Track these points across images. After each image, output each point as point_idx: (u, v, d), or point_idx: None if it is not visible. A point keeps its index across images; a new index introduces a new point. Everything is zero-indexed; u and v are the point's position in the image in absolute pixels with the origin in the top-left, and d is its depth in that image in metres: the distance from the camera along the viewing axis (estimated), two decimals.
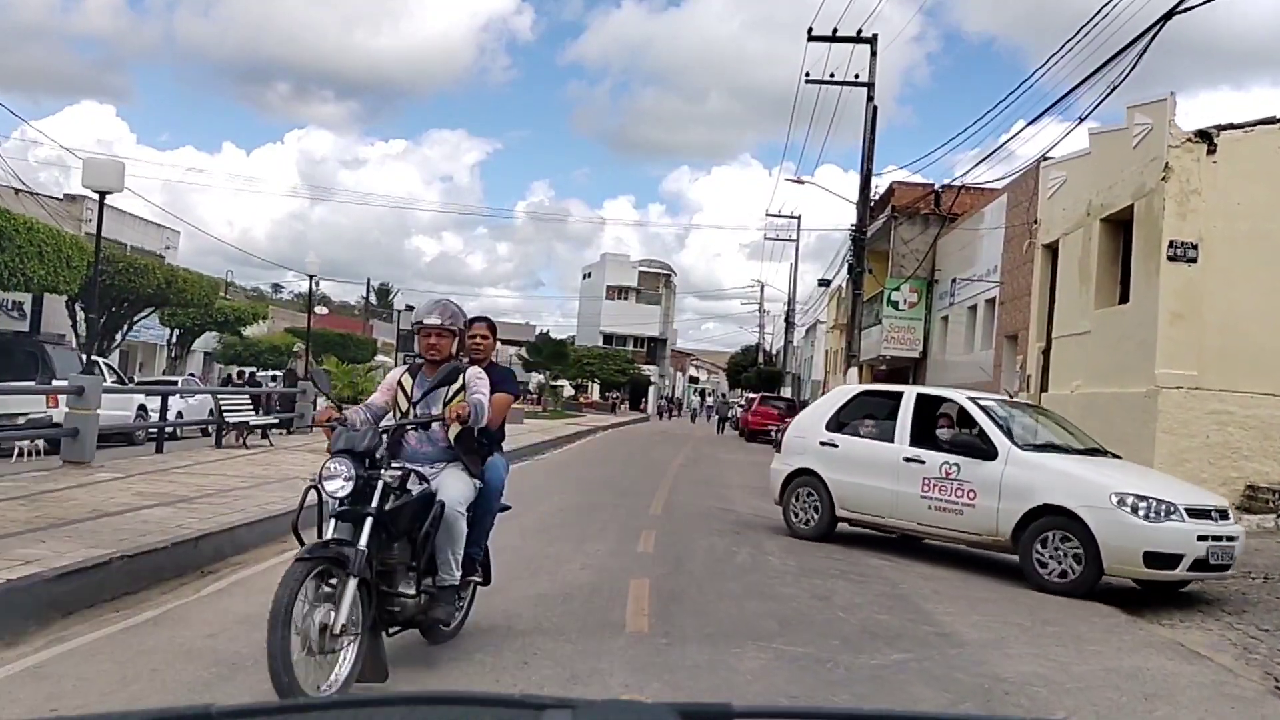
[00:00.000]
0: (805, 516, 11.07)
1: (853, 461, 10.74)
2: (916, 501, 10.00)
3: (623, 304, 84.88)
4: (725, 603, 7.21)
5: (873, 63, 26.94)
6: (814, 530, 10.89)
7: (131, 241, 35.78)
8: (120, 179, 13.66)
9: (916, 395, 10.84)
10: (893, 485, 10.23)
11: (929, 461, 9.97)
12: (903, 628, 6.80)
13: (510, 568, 8.13)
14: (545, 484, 15.98)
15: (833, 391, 12.42)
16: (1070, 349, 17.93)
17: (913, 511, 10.08)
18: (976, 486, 9.51)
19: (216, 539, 8.49)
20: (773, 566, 9.07)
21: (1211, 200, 14.35)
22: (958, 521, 9.70)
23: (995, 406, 10.44)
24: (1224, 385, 14.14)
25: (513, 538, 9.79)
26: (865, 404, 11.51)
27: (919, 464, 10.02)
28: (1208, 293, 14.33)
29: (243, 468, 13.71)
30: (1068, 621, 7.60)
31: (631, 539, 10.13)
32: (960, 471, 9.67)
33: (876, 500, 10.45)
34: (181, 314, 33.76)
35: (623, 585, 7.58)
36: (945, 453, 9.93)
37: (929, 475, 9.91)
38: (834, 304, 47.20)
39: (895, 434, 10.45)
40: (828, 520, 10.85)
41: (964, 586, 8.89)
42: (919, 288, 29.56)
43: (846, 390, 12.30)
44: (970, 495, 9.55)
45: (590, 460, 22.95)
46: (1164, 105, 14.77)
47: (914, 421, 10.47)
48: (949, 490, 9.73)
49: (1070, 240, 18.27)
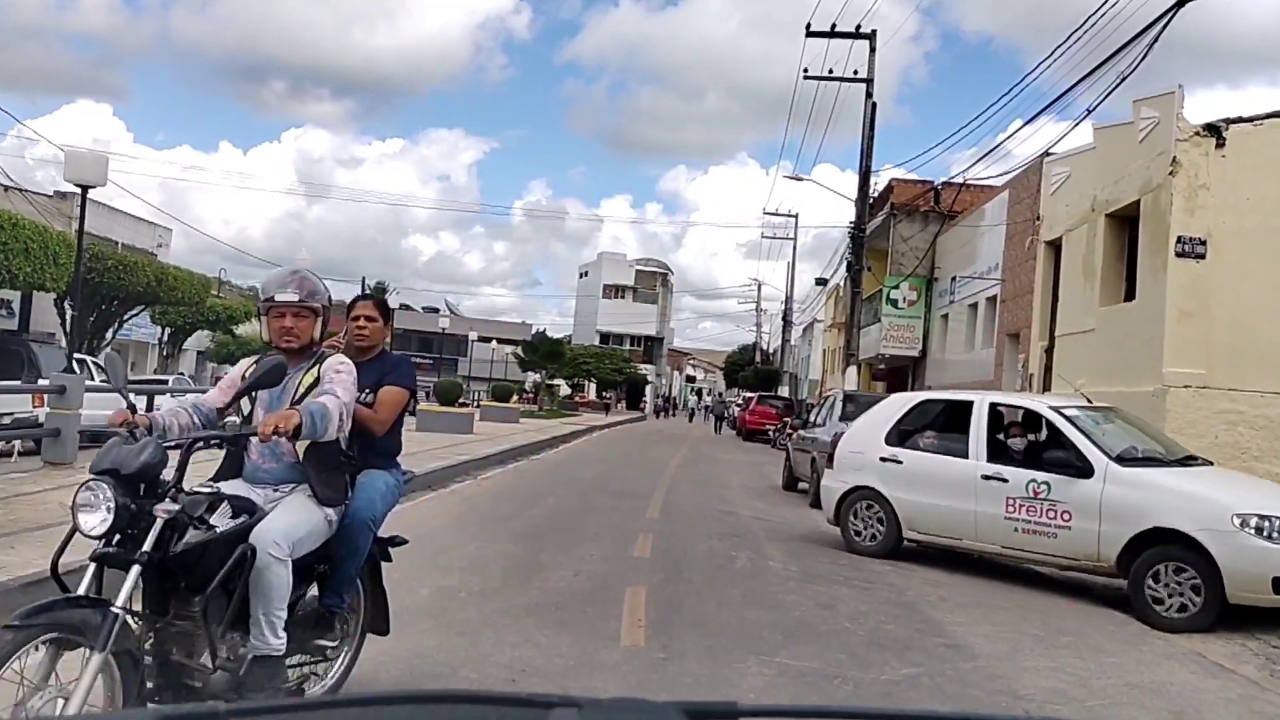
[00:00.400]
0: (869, 532, 10.15)
1: (921, 480, 9.82)
2: (1000, 524, 9.10)
3: (619, 303, 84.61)
4: (725, 612, 6.88)
5: (871, 58, 26.65)
6: (878, 547, 9.99)
7: (123, 239, 35.44)
8: (103, 173, 13.30)
9: (989, 404, 9.92)
10: (971, 506, 9.33)
11: (1013, 480, 9.07)
12: (911, 639, 6.47)
13: (500, 574, 7.82)
14: (539, 485, 15.66)
15: (887, 401, 11.19)
16: (1074, 347, 17.61)
17: (997, 534, 9.17)
18: (1072, 508, 8.68)
19: None
20: (774, 572, 8.74)
21: (1220, 195, 14.02)
22: (1051, 545, 8.84)
23: (1081, 415, 9.44)
24: (1233, 384, 13.81)
25: (504, 543, 9.49)
26: (926, 413, 10.55)
27: (1001, 482, 9.13)
28: (1216, 289, 14.00)
29: None
30: (1083, 631, 7.29)
31: (628, 543, 9.80)
32: (1051, 491, 8.81)
33: (953, 522, 9.52)
34: (173, 312, 33.39)
35: (618, 593, 7.25)
36: (1031, 469, 9.04)
37: (1014, 495, 9.02)
38: (832, 302, 46.89)
39: (969, 448, 9.55)
40: (894, 537, 9.98)
41: (972, 592, 8.57)
42: (918, 286, 29.24)
43: (904, 399, 11.15)
44: (1065, 517, 8.72)
45: (586, 460, 22.63)
46: (1171, 98, 14.44)
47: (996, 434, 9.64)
48: (1039, 512, 8.87)
49: (1074, 237, 17.95)
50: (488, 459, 18.83)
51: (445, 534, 9.95)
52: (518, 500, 13.25)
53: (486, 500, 13.21)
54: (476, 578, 7.63)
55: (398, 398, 4.54)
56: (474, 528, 10.47)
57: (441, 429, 24.60)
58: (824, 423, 16.07)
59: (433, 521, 10.91)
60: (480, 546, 9.19)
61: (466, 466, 17.01)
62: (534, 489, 14.98)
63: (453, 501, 12.85)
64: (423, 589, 7.09)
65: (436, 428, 24.82)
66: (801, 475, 16.74)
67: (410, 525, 10.60)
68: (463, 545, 9.21)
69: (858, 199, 26.56)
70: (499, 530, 10.32)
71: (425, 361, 71.77)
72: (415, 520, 10.89)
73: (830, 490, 10.71)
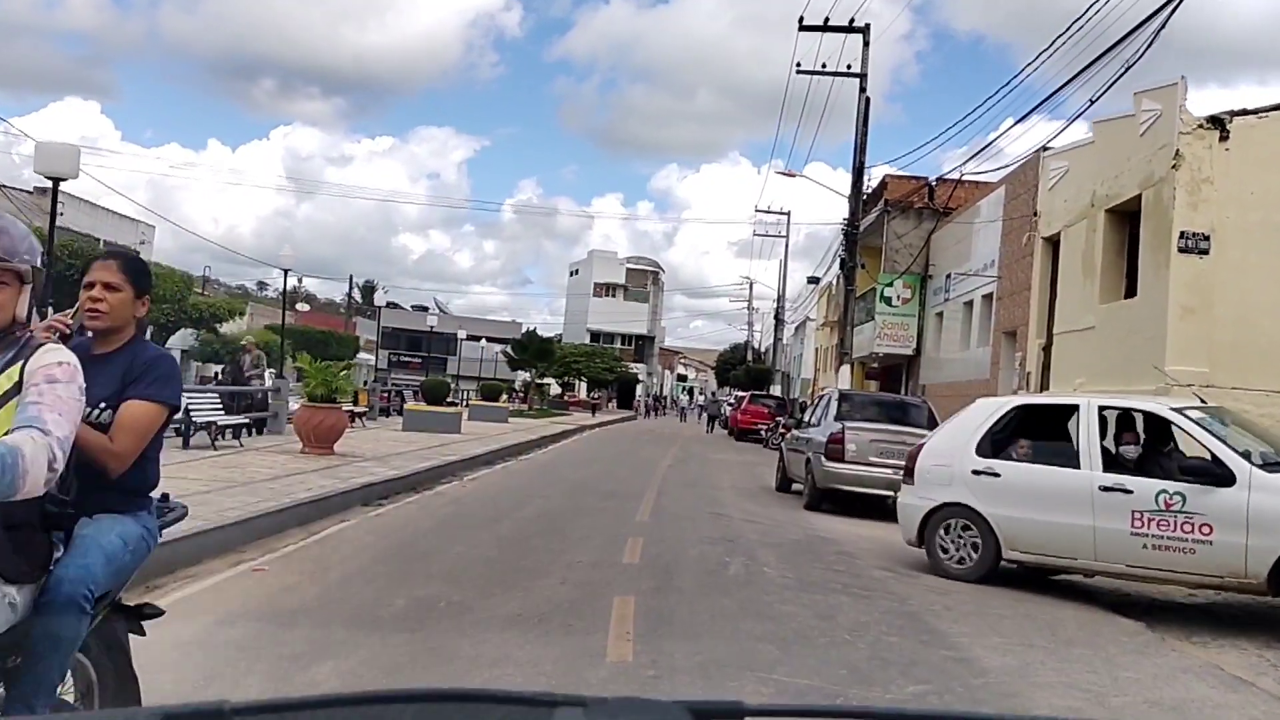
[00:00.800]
0: (960, 553, 9.10)
1: (1025, 494, 8.85)
2: (1126, 540, 8.22)
3: (610, 301, 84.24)
4: (719, 624, 6.51)
5: (865, 53, 26.36)
6: (972, 570, 8.98)
7: (105, 236, 35.00)
8: (74, 165, 12.89)
9: (1098, 408, 8.98)
10: (1088, 521, 8.39)
11: (1139, 491, 8.21)
12: (916, 652, 6.11)
13: (482, 583, 7.44)
14: (527, 486, 15.28)
15: (974, 407, 9.98)
16: (1073, 345, 17.29)
17: (1121, 552, 8.29)
18: (1211, 519, 7.92)
19: (165, 549, 7.70)
20: (769, 579, 8.36)
21: (1224, 189, 13.71)
22: (1188, 562, 8.07)
23: (1207, 418, 8.66)
24: (1237, 382, 13.49)
25: (488, 548, 9.11)
26: (1021, 420, 9.64)
27: (1124, 494, 8.26)
28: (1220, 285, 13.70)
29: (206, 470, 12.95)
30: (1094, 641, 6.94)
31: (617, 548, 9.42)
32: (1186, 502, 8.00)
33: (1066, 540, 8.55)
34: (155, 310, 32.92)
35: (605, 603, 6.87)
36: (1155, 478, 8.29)
37: (1141, 508, 8.17)
38: (824, 301, 46.59)
39: (1080, 457, 8.67)
40: (991, 560, 8.94)
41: (975, 600, 8.21)
42: (912, 283, 28.93)
43: (993, 405, 9.97)
44: (1204, 530, 7.95)
45: (575, 461, 22.25)
46: (1174, 90, 14.13)
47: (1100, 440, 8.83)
48: (1173, 525, 8.05)
49: (1073, 232, 17.63)
50: (475, 459, 18.44)
51: (426, 539, 9.57)
52: (504, 502, 12.88)
53: (472, 502, 12.84)
54: (456, 587, 7.25)
55: (146, 420, 3.12)
56: (457, 532, 10.09)
57: (428, 429, 24.21)
58: (819, 422, 15.69)
59: (415, 525, 10.54)
60: (463, 552, 8.81)
61: (453, 467, 16.64)
62: (521, 490, 14.60)
63: (437, 504, 12.47)
64: (399, 599, 6.72)
65: (423, 427, 24.43)
66: (795, 476, 16.39)
67: (392, 529, 10.31)
68: (444, 551, 8.83)
69: (851, 195, 26.26)
70: (483, 534, 9.94)
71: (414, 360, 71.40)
72: (397, 524, 10.55)
73: (911, 508, 9.60)
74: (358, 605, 6.61)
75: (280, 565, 8.00)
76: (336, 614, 6.31)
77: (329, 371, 16.95)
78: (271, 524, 9.54)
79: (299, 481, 12.09)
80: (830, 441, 14.19)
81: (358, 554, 8.59)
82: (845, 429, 14.25)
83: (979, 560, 8.99)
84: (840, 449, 14.08)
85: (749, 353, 76.30)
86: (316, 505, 10.73)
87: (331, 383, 16.65)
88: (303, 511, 10.36)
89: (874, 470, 13.96)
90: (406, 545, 9.16)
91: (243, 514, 9.41)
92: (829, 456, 14.12)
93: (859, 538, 11.70)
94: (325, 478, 12.58)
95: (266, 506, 9.96)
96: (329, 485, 11.87)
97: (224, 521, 8.92)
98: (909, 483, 9.83)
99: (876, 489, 13.98)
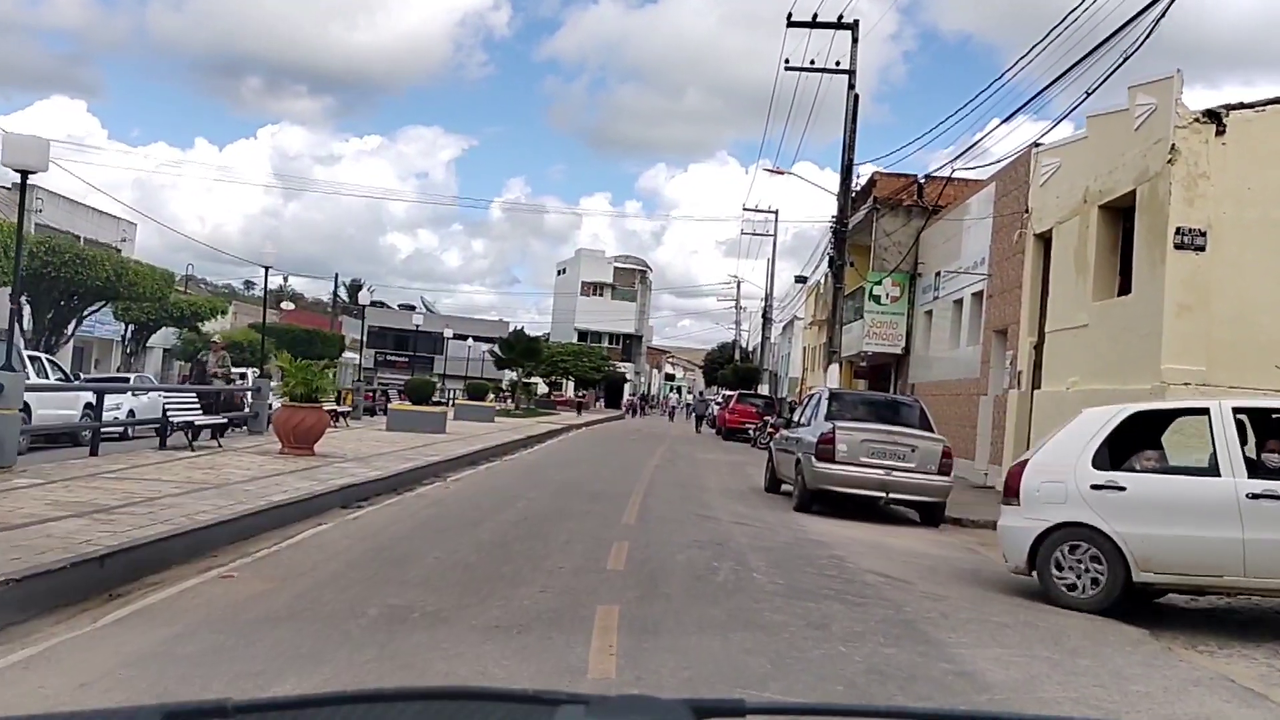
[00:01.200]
0: (1084, 579, 8.17)
1: (1158, 508, 8.02)
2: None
3: (598, 300, 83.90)
4: (707, 635, 6.17)
5: (854, 49, 26.07)
6: (1099, 598, 8.09)
7: (85, 234, 34.49)
8: (44, 157, 12.47)
9: (1232, 409, 8.21)
10: (1237, 534, 7.64)
11: None
12: (915, 665, 5.80)
13: (459, 591, 7.10)
14: (511, 488, 14.94)
15: (1082, 418, 8.93)
16: (1065, 343, 17.04)
17: (1276, 566, 7.66)
18: None
19: (130, 555, 7.43)
20: (759, 585, 8.04)
21: (1221, 184, 13.47)
22: None
23: None
24: (1234, 381, 13.23)
25: (466, 553, 8.77)
26: (1139, 428, 8.79)
27: (1275, 500, 7.60)
28: (1217, 282, 13.45)
29: (181, 472, 12.59)
30: (1100, 652, 6.64)
31: (601, 553, 9.08)
32: None
33: (1211, 556, 7.78)
34: (135, 308, 32.44)
35: (588, 613, 6.54)
36: None
37: None
38: (812, 299, 46.34)
39: (1219, 463, 7.92)
40: (1120, 585, 8.06)
41: (974, 607, 7.92)
42: (901, 281, 28.70)
43: (1106, 414, 8.82)
44: None
45: (561, 461, 21.91)
46: (1169, 83, 13.87)
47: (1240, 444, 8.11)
48: None
49: (1065, 229, 17.38)
50: (459, 459, 18.11)
51: (404, 543, 9.23)
52: (486, 504, 12.53)
53: (453, 504, 12.49)
54: (432, 595, 6.91)
55: None
56: (437, 535, 9.75)
57: (412, 428, 23.87)
58: (809, 422, 15.38)
59: (393, 529, 10.20)
60: (441, 557, 8.47)
61: (436, 467, 16.30)
62: (505, 492, 14.26)
63: (417, 506, 12.13)
64: (371, 609, 6.38)
65: (407, 427, 24.10)
66: (785, 477, 16.08)
67: (369, 533, 9.94)
68: (421, 556, 8.49)
69: (840, 192, 25.96)
70: (463, 538, 9.61)
71: (400, 360, 70.91)
72: (375, 527, 10.20)
73: (1018, 532, 8.58)
74: (327, 615, 6.27)
75: (250, 571, 7.66)
76: (304, 625, 5.97)
77: (309, 370, 16.58)
78: (245, 528, 9.22)
79: (275, 483, 11.75)
80: (821, 441, 13.88)
81: (331, 559, 8.24)
82: (836, 429, 13.94)
83: (1105, 585, 8.07)
84: (831, 449, 13.77)
85: (737, 352, 76.02)
86: (293, 508, 10.40)
87: (312, 382, 16.28)
88: (278, 514, 10.02)
89: (866, 471, 13.66)
90: (383, 550, 8.82)
91: (214, 517, 9.07)
92: (819, 457, 13.81)
93: (851, 540, 11.40)
94: (303, 479, 12.23)
95: (240, 509, 9.63)
96: (306, 487, 11.53)
97: (194, 525, 8.59)
98: (1012, 504, 8.76)
99: (868, 490, 13.69)
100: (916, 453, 13.80)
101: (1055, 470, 8.50)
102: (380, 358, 70.55)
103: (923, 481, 13.72)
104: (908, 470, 13.69)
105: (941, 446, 14.00)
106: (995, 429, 20.51)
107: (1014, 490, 8.76)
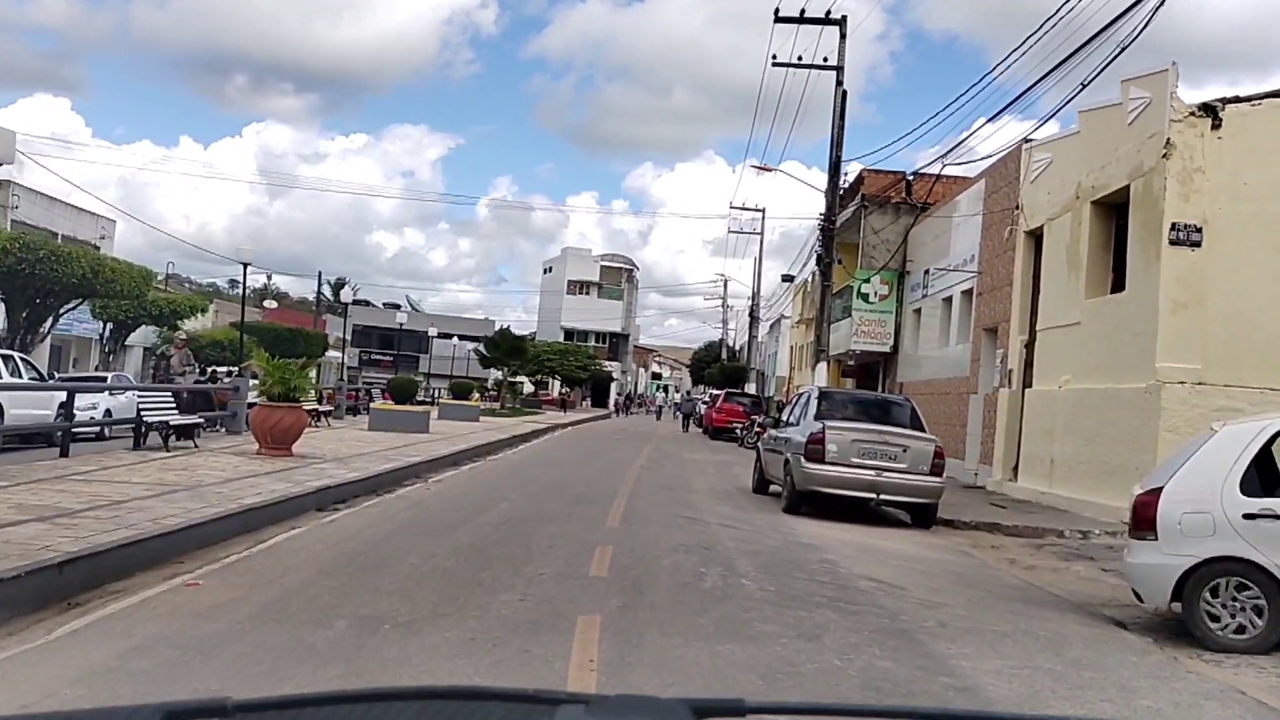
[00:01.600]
0: (1239, 620, 7.30)
1: None
2: None
3: (584, 299, 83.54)
4: (694, 648, 5.85)
5: (842, 45, 25.81)
6: (1258, 639, 7.24)
7: (63, 231, 33.98)
8: (9, 149, 12.11)
9: None
10: None
11: None
12: (914, 680, 5.50)
13: (434, 600, 6.77)
14: (493, 489, 14.60)
15: (1221, 438, 7.87)
16: (1057, 341, 16.80)
17: None
18: None
19: (91, 562, 7.09)
20: (748, 593, 7.73)
21: (1216, 179, 13.23)
22: None
23: None
24: (1230, 379, 13.02)
25: (444, 558, 8.44)
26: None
27: None
28: (1212, 279, 13.22)
29: (152, 474, 12.22)
30: (1104, 663, 6.36)
31: (583, 558, 8.75)
32: None
33: None
34: (114, 306, 31.95)
35: (569, 623, 6.22)
36: None
37: None
38: (800, 298, 46.10)
39: None
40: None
41: (971, 615, 7.62)
42: (890, 280, 28.46)
43: (1247, 433, 7.80)
44: None
45: (546, 461, 21.58)
46: (1164, 77, 13.63)
47: None
48: None
49: (1056, 225, 17.14)
50: (441, 460, 17.77)
51: (380, 547, 8.89)
52: (467, 506, 12.20)
53: (434, 506, 12.16)
54: (406, 604, 6.58)
55: None
56: (414, 540, 9.41)
57: (395, 428, 23.52)
58: (797, 421, 15.07)
59: (369, 532, 9.86)
60: (417, 563, 8.13)
61: (417, 468, 15.96)
62: (487, 493, 13.92)
63: (396, 508, 11.79)
64: (340, 620, 6.05)
65: (390, 427, 23.75)
66: (773, 477, 15.78)
67: (344, 537, 9.59)
68: (397, 561, 8.16)
69: (828, 189, 25.69)
70: (441, 542, 9.27)
71: (385, 359, 70.43)
72: (351, 531, 9.85)
73: (1158, 571, 7.60)
74: (293, 627, 5.93)
75: (217, 579, 7.32)
76: (267, 639, 5.64)
77: (287, 369, 16.21)
78: (214, 532, 8.88)
79: (250, 485, 11.40)
80: (810, 442, 13.58)
81: (303, 566, 7.90)
82: (826, 429, 13.65)
83: (1266, 627, 7.22)
84: (820, 450, 13.47)
85: (724, 351, 75.77)
86: (266, 511, 10.06)
87: (289, 381, 15.91)
88: (250, 518, 9.69)
89: (856, 472, 13.37)
90: (358, 555, 8.49)
91: (183, 521, 8.74)
92: (809, 457, 13.51)
93: (842, 543, 11.11)
94: (278, 481, 11.89)
95: (210, 513, 9.29)
96: (281, 489, 11.19)
97: (161, 530, 8.24)
98: (1147, 538, 7.72)
99: (858, 491, 13.40)
100: (908, 453, 13.52)
101: (1199, 499, 7.60)
102: (365, 357, 70.05)
103: (914, 482, 13.43)
104: (899, 471, 13.41)
105: (933, 447, 13.72)
106: (985, 428, 20.27)
107: (1148, 523, 7.73)
